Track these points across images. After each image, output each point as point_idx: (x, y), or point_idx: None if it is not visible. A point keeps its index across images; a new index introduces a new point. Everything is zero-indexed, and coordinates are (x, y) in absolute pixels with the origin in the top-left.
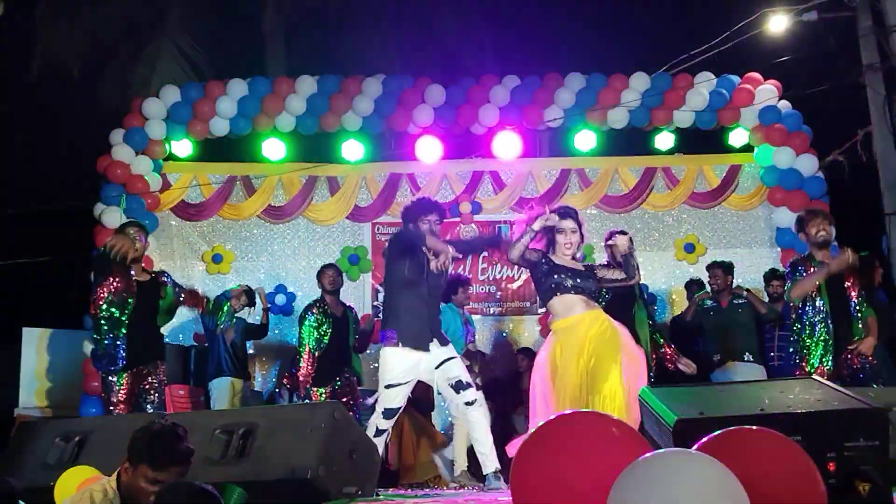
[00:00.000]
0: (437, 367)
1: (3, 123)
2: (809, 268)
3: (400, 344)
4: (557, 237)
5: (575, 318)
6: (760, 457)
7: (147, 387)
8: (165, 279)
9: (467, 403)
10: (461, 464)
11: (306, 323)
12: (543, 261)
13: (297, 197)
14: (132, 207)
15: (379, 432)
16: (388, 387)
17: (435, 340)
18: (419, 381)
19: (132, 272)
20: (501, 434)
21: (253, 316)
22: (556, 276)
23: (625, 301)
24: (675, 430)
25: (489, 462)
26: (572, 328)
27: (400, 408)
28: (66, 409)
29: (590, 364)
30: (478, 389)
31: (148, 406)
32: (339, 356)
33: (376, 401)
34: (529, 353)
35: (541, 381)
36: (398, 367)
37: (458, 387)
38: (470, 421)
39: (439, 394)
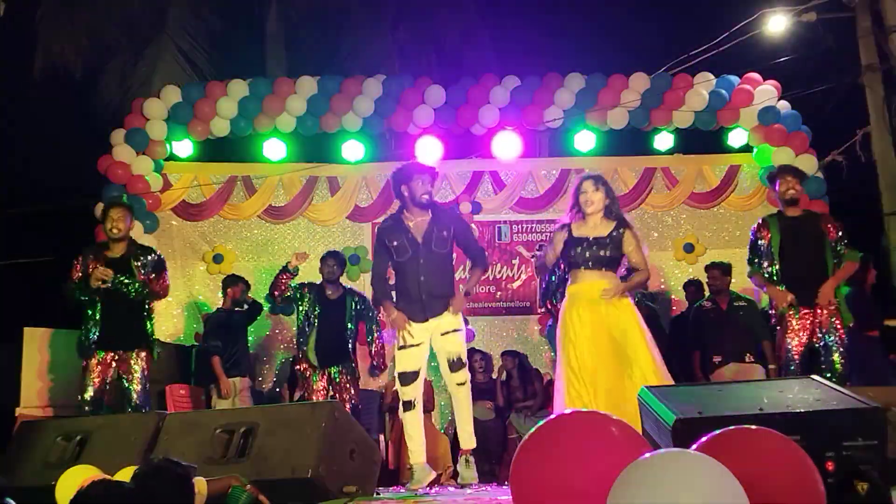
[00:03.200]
0: (442, 335)
1: (4, 123)
2: (766, 235)
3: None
4: (580, 197)
5: (586, 284)
6: (759, 456)
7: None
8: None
9: (459, 384)
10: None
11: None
12: (566, 236)
13: (298, 197)
14: (133, 207)
15: (406, 406)
16: (400, 349)
17: (440, 308)
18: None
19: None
20: (499, 433)
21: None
22: (572, 252)
23: None
24: (674, 429)
25: (468, 440)
26: (582, 291)
27: (417, 372)
28: (68, 409)
29: (608, 336)
30: (480, 389)
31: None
32: (334, 344)
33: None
34: (514, 355)
35: (560, 355)
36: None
37: (455, 366)
38: (460, 400)
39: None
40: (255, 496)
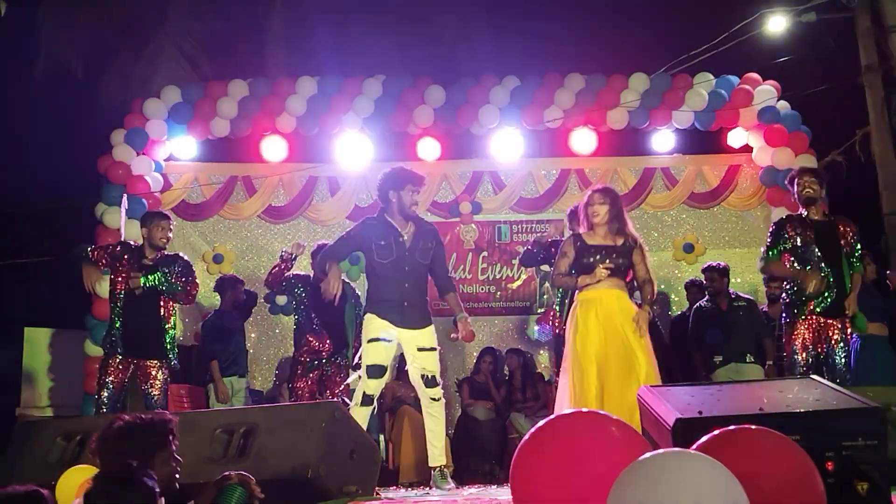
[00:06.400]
0: (419, 349)
1: (5, 123)
2: (790, 233)
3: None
4: (587, 209)
5: (598, 292)
6: (759, 456)
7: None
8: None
9: (433, 399)
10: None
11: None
12: (578, 244)
13: (298, 197)
14: (133, 208)
15: (366, 399)
16: (370, 341)
17: (418, 321)
18: None
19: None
20: (499, 433)
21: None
22: (590, 259)
23: None
24: (674, 429)
25: (438, 456)
26: (593, 298)
27: (385, 368)
28: (68, 409)
29: (619, 339)
30: (480, 389)
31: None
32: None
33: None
34: (519, 354)
35: (569, 352)
36: (377, 325)
37: (430, 382)
38: (433, 415)
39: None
40: (248, 488)
